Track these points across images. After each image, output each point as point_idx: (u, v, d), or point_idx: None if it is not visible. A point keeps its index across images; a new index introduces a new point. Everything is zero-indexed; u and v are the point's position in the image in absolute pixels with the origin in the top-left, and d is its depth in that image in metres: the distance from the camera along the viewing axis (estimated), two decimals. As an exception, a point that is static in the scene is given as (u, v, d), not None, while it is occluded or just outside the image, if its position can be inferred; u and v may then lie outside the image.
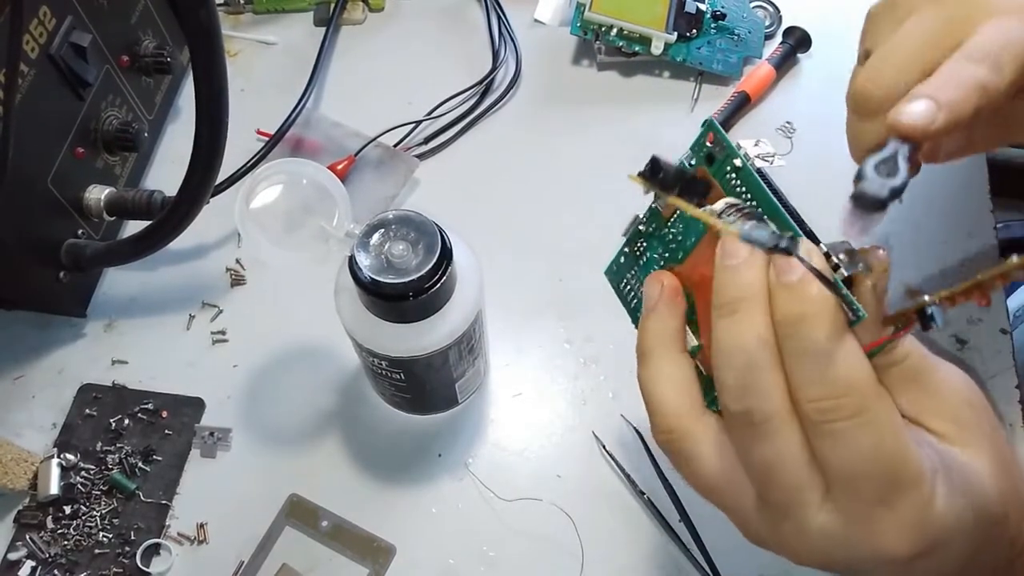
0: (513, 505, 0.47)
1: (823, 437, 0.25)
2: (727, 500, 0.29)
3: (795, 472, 0.26)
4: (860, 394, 0.25)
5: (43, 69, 0.45)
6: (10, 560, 0.45)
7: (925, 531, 0.26)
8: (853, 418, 0.25)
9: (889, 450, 0.25)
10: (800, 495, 0.26)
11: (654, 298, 0.30)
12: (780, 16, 0.64)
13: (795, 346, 0.25)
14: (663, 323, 0.30)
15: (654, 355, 0.29)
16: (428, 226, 0.38)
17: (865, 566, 0.27)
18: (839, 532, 0.26)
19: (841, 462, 0.25)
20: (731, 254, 0.26)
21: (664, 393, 0.29)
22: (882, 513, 0.26)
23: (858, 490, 0.26)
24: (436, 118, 0.60)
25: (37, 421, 0.50)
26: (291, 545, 0.46)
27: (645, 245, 0.33)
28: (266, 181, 0.38)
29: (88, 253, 0.49)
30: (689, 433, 0.29)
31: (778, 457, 0.26)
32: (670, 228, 0.32)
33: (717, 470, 0.29)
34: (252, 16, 0.67)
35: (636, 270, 0.34)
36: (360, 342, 0.41)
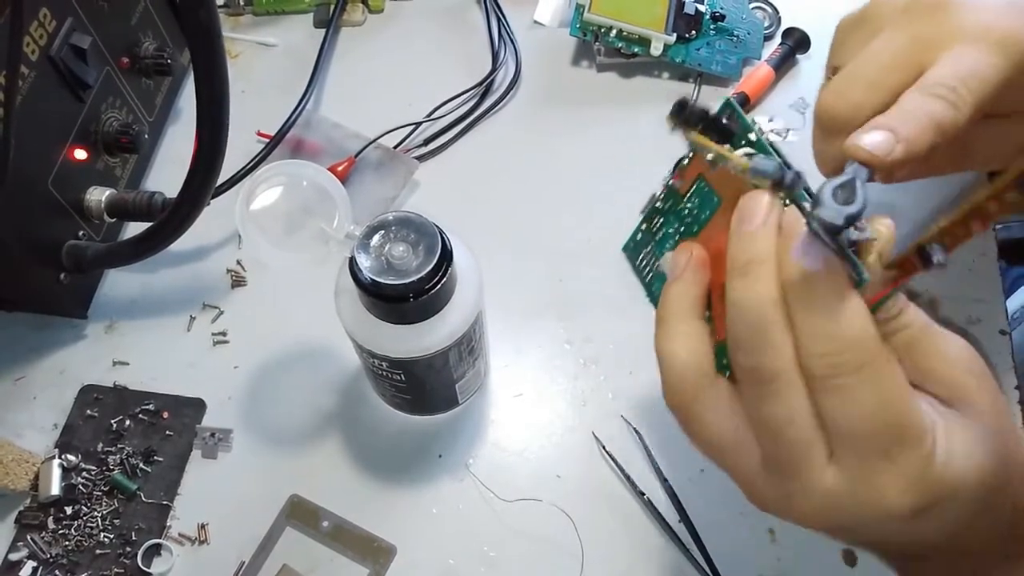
0: (513, 505, 0.47)
1: (827, 393, 0.26)
2: (733, 461, 0.30)
3: (802, 430, 0.27)
4: (863, 349, 0.26)
5: (43, 71, 0.45)
6: (11, 560, 0.45)
7: (927, 487, 0.26)
8: (856, 373, 0.26)
9: (892, 405, 0.26)
10: (806, 453, 0.27)
11: (681, 266, 0.31)
12: (779, 17, 0.64)
13: (801, 305, 0.26)
14: (686, 290, 0.31)
15: (673, 319, 0.30)
16: (428, 227, 0.38)
17: (868, 524, 0.27)
18: (843, 489, 0.27)
19: (845, 417, 0.26)
20: (747, 219, 0.27)
21: (678, 354, 0.30)
22: (884, 467, 0.26)
23: (861, 446, 0.26)
24: (436, 119, 0.60)
25: (38, 422, 0.50)
26: (292, 545, 0.46)
27: (662, 221, 0.35)
28: (266, 183, 0.38)
29: (89, 254, 0.49)
30: (700, 393, 0.29)
31: (786, 415, 0.27)
32: (686, 203, 0.33)
33: (725, 430, 0.29)
34: (252, 18, 0.67)
35: (652, 245, 0.35)
36: (360, 343, 0.41)
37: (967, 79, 0.32)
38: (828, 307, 0.26)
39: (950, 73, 0.32)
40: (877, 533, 0.28)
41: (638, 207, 0.35)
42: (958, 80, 0.32)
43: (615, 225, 0.56)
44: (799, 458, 0.27)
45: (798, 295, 0.26)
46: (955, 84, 0.31)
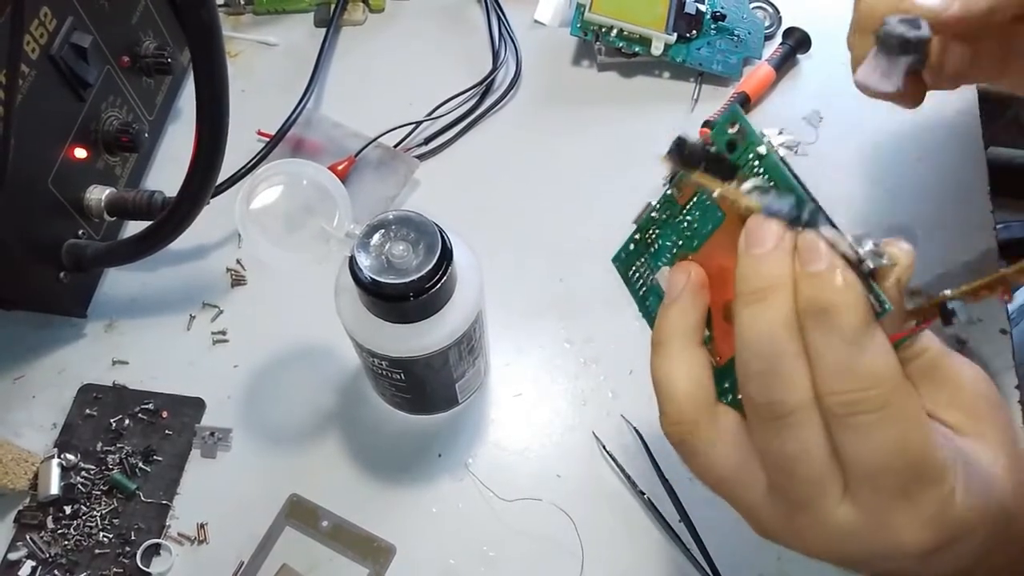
0: (513, 505, 0.47)
1: (846, 430, 0.25)
2: (737, 492, 0.29)
3: (816, 465, 0.26)
4: (887, 387, 0.25)
5: (44, 70, 0.45)
6: (10, 560, 0.45)
7: (944, 526, 0.26)
8: (878, 411, 0.25)
9: (914, 444, 0.25)
10: (820, 489, 0.26)
11: (679, 287, 0.29)
12: (780, 17, 0.64)
13: (821, 337, 0.25)
14: (684, 314, 0.29)
15: (671, 346, 0.29)
16: (428, 226, 0.38)
17: (881, 561, 0.27)
18: (858, 526, 0.26)
19: (864, 456, 0.25)
20: (758, 241, 0.26)
21: (678, 384, 0.29)
22: (903, 507, 0.25)
23: (880, 484, 0.25)
24: (436, 119, 0.60)
25: (37, 421, 0.50)
26: (291, 545, 0.46)
27: (658, 232, 0.32)
28: (266, 182, 0.38)
29: (89, 253, 0.49)
30: (701, 425, 0.28)
31: (800, 449, 0.26)
32: (685, 215, 0.31)
33: (728, 462, 0.28)
34: (252, 17, 0.67)
35: (647, 258, 0.33)
36: (360, 342, 0.41)
37: None
38: (850, 340, 0.24)
39: None
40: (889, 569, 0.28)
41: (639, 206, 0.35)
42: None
43: (616, 225, 0.56)
44: (812, 493, 0.26)
45: (817, 325, 0.25)
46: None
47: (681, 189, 0.31)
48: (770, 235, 0.26)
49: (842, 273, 0.25)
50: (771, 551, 0.45)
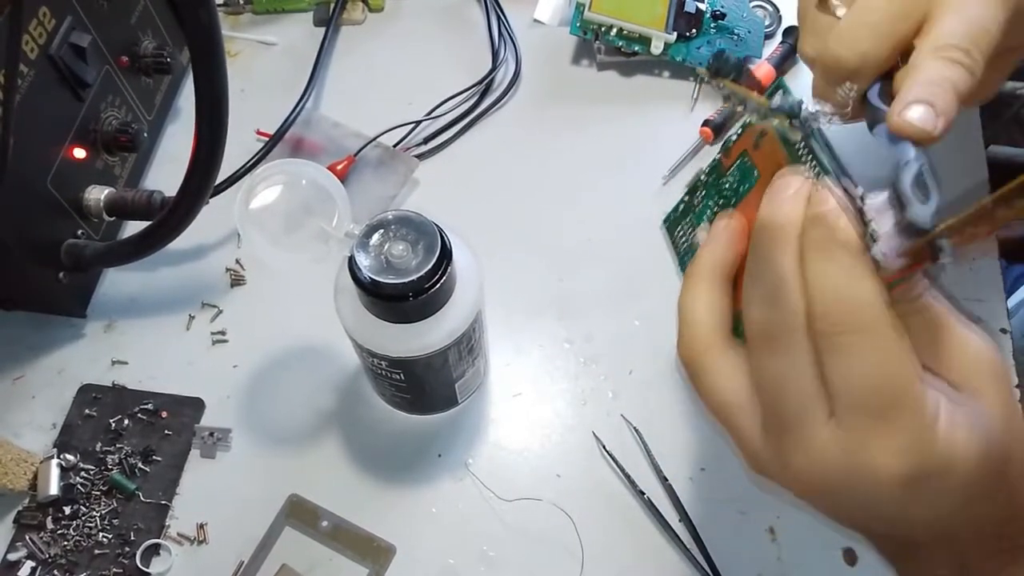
0: (513, 505, 0.47)
1: (831, 351, 0.27)
2: (735, 418, 0.30)
3: (804, 386, 0.28)
4: (872, 312, 0.26)
5: (42, 70, 0.45)
6: (10, 560, 0.45)
7: (921, 455, 0.26)
8: (860, 332, 0.26)
9: (893, 368, 0.26)
10: (805, 410, 0.28)
11: (718, 230, 0.32)
12: (780, 16, 0.64)
13: (817, 265, 0.27)
14: (719, 254, 0.32)
15: (699, 279, 0.32)
16: (428, 226, 0.37)
17: (858, 489, 0.28)
18: (838, 448, 0.27)
19: (845, 375, 0.27)
20: (780, 189, 0.29)
21: (699, 310, 0.31)
22: (880, 430, 0.26)
23: (859, 405, 0.27)
24: (436, 118, 0.60)
25: (37, 421, 0.50)
26: (291, 545, 0.46)
27: (704, 194, 0.35)
28: (266, 181, 0.38)
29: (88, 253, 0.49)
30: (713, 348, 0.31)
31: (790, 371, 0.28)
32: (727, 178, 0.34)
33: (732, 386, 0.30)
34: (252, 16, 0.67)
35: (691, 218, 0.36)
36: (360, 342, 0.41)
37: (977, 38, 0.32)
38: (842, 269, 0.27)
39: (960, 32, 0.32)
40: (867, 502, 0.28)
41: (639, 206, 0.35)
42: (970, 42, 0.32)
43: (616, 224, 0.57)
44: (798, 414, 0.28)
45: (816, 256, 0.27)
46: (968, 47, 0.32)
47: (728, 154, 0.34)
48: (791, 184, 0.28)
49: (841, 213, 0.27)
50: (771, 551, 0.46)
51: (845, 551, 0.45)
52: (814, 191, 0.28)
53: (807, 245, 0.28)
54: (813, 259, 0.27)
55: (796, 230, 0.28)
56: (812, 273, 0.27)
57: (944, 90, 0.31)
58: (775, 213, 0.28)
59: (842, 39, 0.35)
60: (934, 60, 0.32)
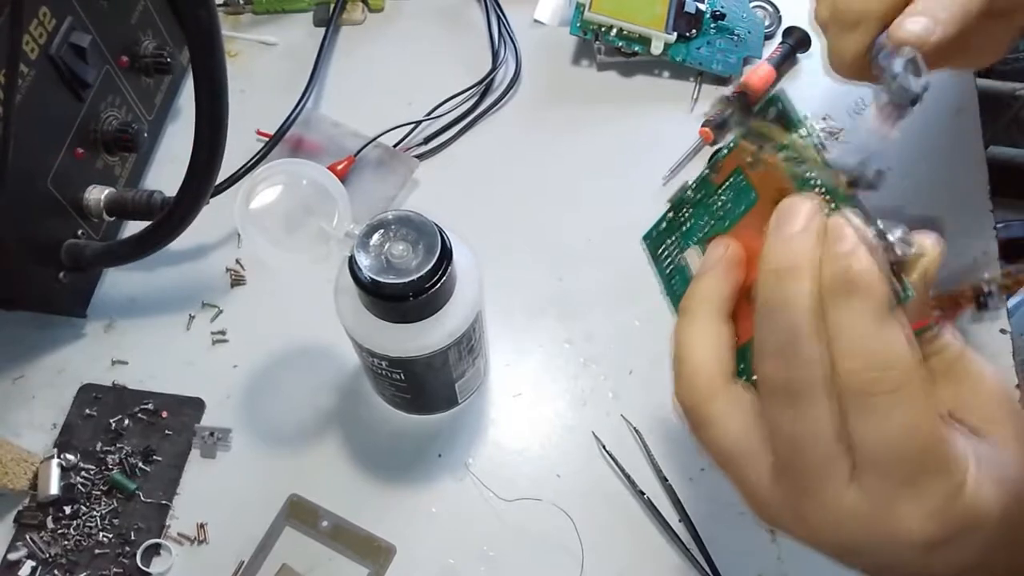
0: (513, 505, 0.47)
1: (859, 411, 0.25)
2: (743, 471, 0.29)
3: (826, 446, 0.26)
4: (902, 371, 0.25)
5: (43, 70, 0.45)
6: (10, 560, 0.45)
7: (950, 519, 0.25)
8: (892, 393, 0.25)
9: (924, 431, 0.25)
10: (828, 471, 0.26)
11: (715, 259, 0.30)
12: (780, 16, 0.64)
13: (841, 316, 0.25)
14: (716, 286, 0.30)
15: (697, 315, 0.29)
16: (428, 226, 0.38)
17: (882, 550, 0.27)
18: (862, 512, 0.26)
19: (874, 438, 0.25)
20: (788, 221, 0.26)
21: (698, 353, 0.29)
22: (909, 495, 0.25)
23: (887, 470, 0.25)
24: (436, 118, 0.60)
25: (37, 421, 0.50)
26: (291, 545, 0.46)
27: (691, 212, 0.33)
28: (266, 182, 0.38)
29: (88, 253, 0.49)
30: (715, 394, 0.28)
31: (812, 429, 0.26)
32: (719, 195, 0.31)
33: (737, 438, 0.28)
34: (252, 16, 0.67)
35: (677, 237, 0.34)
36: (360, 342, 0.41)
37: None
38: (870, 321, 0.25)
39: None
40: (889, 561, 0.27)
41: (639, 206, 0.35)
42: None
43: (616, 224, 0.57)
44: (819, 474, 0.26)
45: (839, 305, 0.25)
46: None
47: (718, 170, 0.31)
48: (801, 215, 0.26)
49: (867, 256, 0.25)
50: (771, 551, 0.46)
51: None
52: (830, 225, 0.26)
53: (827, 291, 0.25)
54: (835, 308, 0.25)
55: (811, 270, 0.25)
56: (835, 325, 0.25)
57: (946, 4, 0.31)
58: (786, 251, 0.26)
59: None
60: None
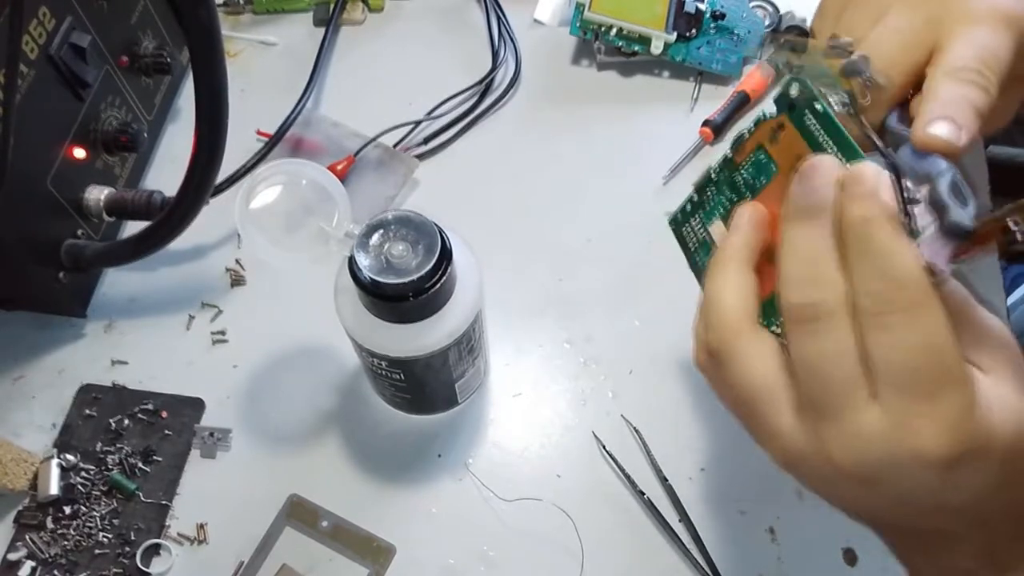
0: (513, 505, 0.47)
1: (876, 330, 0.27)
2: (765, 407, 0.30)
3: (847, 367, 0.27)
4: (914, 290, 0.26)
5: (43, 70, 0.45)
6: (10, 560, 0.45)
7: (964, 434, 0.26)
8: (906, 311, 0.26)
9: (939, 347, 0.26)
10: (848, 393, 0.27)
11: (743, 218, 0.32)
12: (780, 16, 0.64)
13: (858, 246, 0.27)
14: (744, 240, 0.32)
15: (727, 266, 0.31)
16: (428, 226, 0.37)
17: (901, 472, 0.27)
18: (882, 430, 0.27)
19: (891, 355, 0.26)
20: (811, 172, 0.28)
21: (726, 297, 0.31)
22: (926, 410, 0.26)
23: (905, 385, 0.26)
24: (436, 118, 0.60)
25: (37, 421, 0.50)
26: (291, 545, 0.46)
27: (714, 191, 0.35)
28: (266, 182, 0.38)
29: (88, 253, 0.49)
30: (744, 332, 0.30)
31: (832, 351, 0.27)
32: (741, 172, 0.34)
33: (763, 372, 0.30)
34: (252, 16, 0.67)
35: (701, 215, 0.36)
36: (360, 342, 0.41)
37: (988, 61, 0.33)
38: (885, 248, 0.26)
39: (972, 55, 0.33)
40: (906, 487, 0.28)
41: (639, 206, 0.35)
42: (982, 63, 0.33)
43: (616, 224, 0.57)
44: (842, 397, 0.27)
45: (857, 236, 0.27)
46: (980, 67, 0.33)
47: (740, 151, 0.34)
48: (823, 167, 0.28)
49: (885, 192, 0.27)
50: (771, 551, 0.46)
51: (845, 551, 0.45)
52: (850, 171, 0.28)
53: (847, 222, 0.27)
54: (853, 235, 0.27)
55: (830, 215, 0.28)
56: (854, 249, 0.27)
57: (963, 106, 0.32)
58: (808, 192, 0.28)
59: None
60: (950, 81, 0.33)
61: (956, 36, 0.33)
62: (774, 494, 0.47)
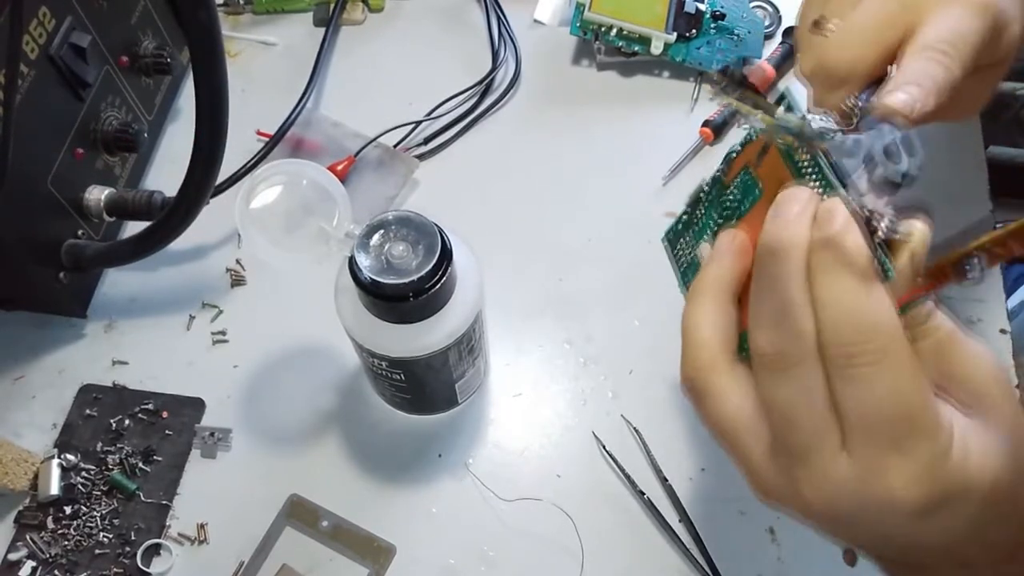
0: (513, 505, 0.47)
1: (844, 380, 0.26)
2: (741, 444, 0.30)
3: (816, 415, 0.27)
4: (884, 339, 0.26)
5: (43, 70, 0.45)
6: (10, 560, 0.45)
7: (936, 483, 0.26)
8: (875, 363, 0.26)
9: (908, 396, 0.26)
10: (819, 439, 0.27)
11: (722, 247, 0.32)
12: (780, 16, 0.64)
13: (827, 289, 0.27)
14: (724, 271, 0.31)
15: (705, 297, 0.31)
16: (428, 227, 0.38)
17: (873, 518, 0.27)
18: (852, 478, 0.27)
19: (859, 405, 0.26)
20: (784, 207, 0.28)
21: (703, 331, 0.31)
22: (896, 459, 0.26)
23: (874, 435, 0.26)
24: (436, 118, 0.60)
25: (37, 421, 0.50)
26: (291, 545, 0.46)
27: (704, 210, 0.35)
28: (266, 182, 0.38)
29: (88, 253, 0.49)
30: (718, 369, 0.30)
31: (802, 398, 0.27)
32: (728, 194, 0.34)
33: (737, 411, 0.30)
34: (252, 16, 0.67)
35: (692, 234, 0.36)
36: (360, 343, 0.41)
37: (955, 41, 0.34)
38: (855, 294, 0.26)
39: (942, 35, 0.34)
40: (881, 530, 0.28)
41: (639, 206, 0.35)
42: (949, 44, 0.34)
43: (616, 224, 0.57)
44: (811, 444, 0.27)
45: (825, 279, 0.27)
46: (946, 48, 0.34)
47: (729, 168, 0.34)
48: (797, 201, 0.28)
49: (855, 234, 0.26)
50: (771, 551, 0.46)
51: (845, 551, 0.45)
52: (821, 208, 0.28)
53: (816, 266, 0.27)
54: (822, 282, 0.27)
55: (803, 249, 0.27)
56: (822, 296, 0.27)
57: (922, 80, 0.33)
58: (781, 232, 0.28)
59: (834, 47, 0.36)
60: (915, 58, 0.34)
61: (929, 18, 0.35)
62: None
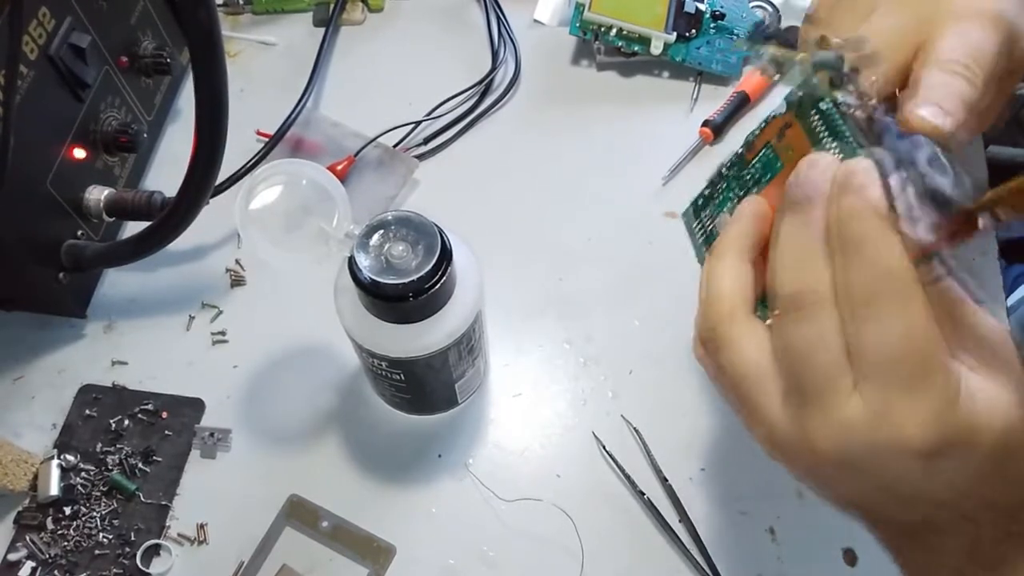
0: (513, 505, 0.47)
1: (860, 320, 0.27)
2: (753, 392, 0.30)
3: (830, 355, 0.28)
4: (900, 279, 0.27)
5: (42, 70, 0.45)
6: (10, 561, 0.45)
7: (946, 425, 0.27)
8: (890, 302, 0.27)
9: (920, 338, 0.27)
10: (832, 380, 0.28)
11: (745, 209, 0.33)
12: (779, 16, 0.64)
13: (846, 237, 0.28)
14: (744, 232, 0.32)
15: (725, 254, 0.32)
16: (428, 227, 0.38)
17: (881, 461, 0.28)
18: (864, 419, 0.27)
19: (873, 345, 0.27)
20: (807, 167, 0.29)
21: (722, 283, 0.32)
22: (907, 400, 0.27)
23: (886, 375, 0.27)
24: (436, 118, 0.60)
25: (37, 422, 0.50)
26: (291, 545, 0.46)
27: (724, 187, 0.36)
28: (266, 182, 0.38)
29: (88, 254, 0.49)
30: (736, 319, 0.31)
31: (817, 340, 0.28)
32: (749, 169, 0.35)
33: (753, 358, 0.30)
34: (252, 17, 0.67)
35: (711, 208, 0.37)
36: (360, 343, 0.41)
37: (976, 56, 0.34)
38: (872, 240, 0.27)
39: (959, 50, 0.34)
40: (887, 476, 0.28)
41: (639, 206, 0.35)
42: (969, 57, 0.33)
43: (616, 224, 0.57)
44: (824, 384, 0.28)
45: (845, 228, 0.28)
46: (968, 61, 0.33)
47: (751, 147, 0.35)
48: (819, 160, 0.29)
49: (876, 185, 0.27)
50: (771, 551, 0.46)
51: (845, 551, 0.45)
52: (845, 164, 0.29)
53: (837, 213, 0.28)
54: (843, 226, 0.28)
55: (824, 200, 0.28)
56: (842, 239, 0.28)
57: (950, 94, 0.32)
58: (803, 184, 0.29)
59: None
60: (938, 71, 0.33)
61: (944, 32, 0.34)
62: (774, 494, 0.47)
